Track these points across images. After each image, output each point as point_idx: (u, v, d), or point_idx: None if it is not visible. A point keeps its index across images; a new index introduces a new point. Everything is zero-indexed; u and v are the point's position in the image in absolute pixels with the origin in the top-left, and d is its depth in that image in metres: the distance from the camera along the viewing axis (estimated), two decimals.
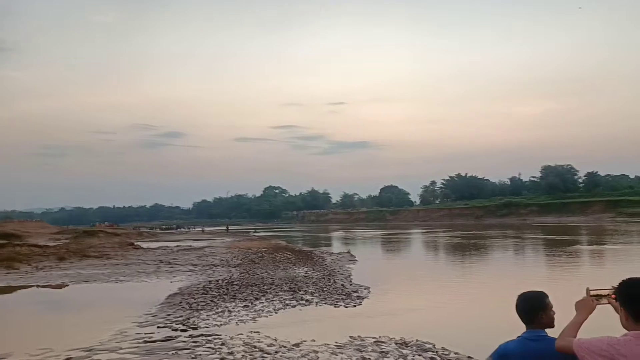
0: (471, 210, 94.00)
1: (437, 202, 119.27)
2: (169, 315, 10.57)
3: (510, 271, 18.90)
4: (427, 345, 7.74)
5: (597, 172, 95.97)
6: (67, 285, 16.21)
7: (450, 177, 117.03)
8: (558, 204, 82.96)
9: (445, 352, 7.38)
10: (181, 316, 10.38)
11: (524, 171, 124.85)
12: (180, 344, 8.14)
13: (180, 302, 11.97)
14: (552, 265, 20.55)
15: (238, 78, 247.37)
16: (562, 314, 2.62)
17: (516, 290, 2.69)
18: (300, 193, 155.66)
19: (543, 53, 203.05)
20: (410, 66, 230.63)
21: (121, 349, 7.96)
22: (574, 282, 14.74)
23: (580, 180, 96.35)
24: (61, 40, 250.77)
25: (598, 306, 2.38)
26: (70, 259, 23.81)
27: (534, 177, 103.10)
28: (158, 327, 9.50)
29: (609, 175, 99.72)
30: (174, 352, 7.69)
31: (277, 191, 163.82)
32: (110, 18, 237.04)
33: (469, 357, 7.13)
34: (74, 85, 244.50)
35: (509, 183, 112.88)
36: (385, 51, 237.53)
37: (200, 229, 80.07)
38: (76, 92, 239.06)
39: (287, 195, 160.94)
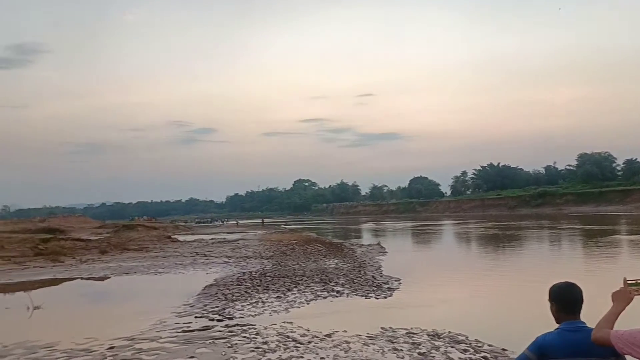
0: (504, 201, 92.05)
1: (469, 192, 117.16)
2: (205, 305, 10.89)
3: (545, 262, 18.55)
4: (460, 337, 7.72)
5: (636, 159, 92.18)
6: (109, 277, 16.84)
7: (481, 166, 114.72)
8: (596, 192, 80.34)
9: (478, 344, 7.35)
10: (217, 306, 10.67)
11: (560, 159, 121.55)
12: (217, 334, 8.39)
13: (216, 293, 12.29)
14: (589, 256, 20.06)
15: (266, 72, 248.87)
16: (599, 305, 2.60)
17: (551, 281, 2.64)
18: (330, 186, 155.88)
19: (577, 38, 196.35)
20: (440, 55, 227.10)
21: (161, 338, 8.26)
22: (612, 273, 14.41)
23: (618, 168, 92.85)
24: (96, 40, 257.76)
25: (636, 297, 2.32)
26: (111, 252, 24.69)
27: (569, 165, 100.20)
28: (195, 317, 9.80)
29: None
30: (211, 341, 7.94)
31: (306, 184, 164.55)
32: (141, 17, 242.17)
33: (503, 349, 7.07)
34: (110, 83, 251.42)
35: (544, 172, 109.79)
36: (414, 41, 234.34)
37: (234, 222, 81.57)
38: (113, 90, 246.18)
39: (316, 188, 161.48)
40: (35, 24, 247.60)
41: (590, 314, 2.55)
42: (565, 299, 2.49)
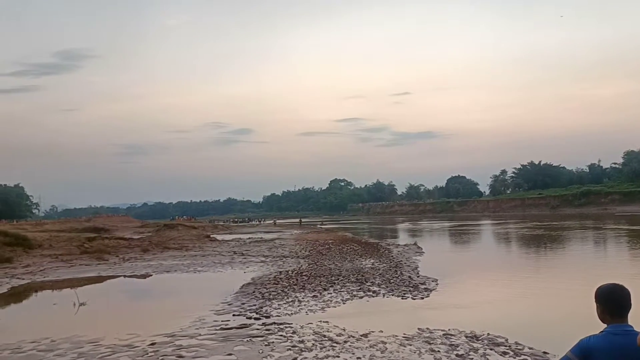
0: (546, 200, 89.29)
1: (509, 192, 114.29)
2: (243, 304, 11.04)
3: (589, 264, 17.90)
4: (500, 339, 7.57)
5: None
6: (151, 275, 17.30)
7: (522, 165, 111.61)
8: None
9: (518, 347, 7.19)
10: (254, 305, 10.81)
11: (604, 157, 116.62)
12: (254, 332, 8.50)
13: (254, 292, 12.44)
14: (635, 258, 19.23)
15: (302, 72, 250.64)
16: None
17: (594, 283, 2.59)
18: (366, 185, 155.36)
19: (623, 30, 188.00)
20: (478, 51, 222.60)
21: (200, 335, 8.44)
22: None
23: None
24: (140, 44, 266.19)
25: None
26: (152, 250, 25.36)
27: (615, 163, 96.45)
28: (233, 315, 9.96)
29: None
30: (248, 339, 8.05)
31: (342, 184, 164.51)
32: (182, 21, 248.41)
33: (544, 352, 6.91)
34: (153, 86, 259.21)
35: (588, 170, 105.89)
36: (450, 36, 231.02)
37: (272, 222, 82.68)
38: (155, 92, 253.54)
39: (352, 187, 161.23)
40: (83, 30, 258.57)
41: (638, 318, 2.46)
42: (612, 301, 2.43)
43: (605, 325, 2.45)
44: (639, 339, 2.21)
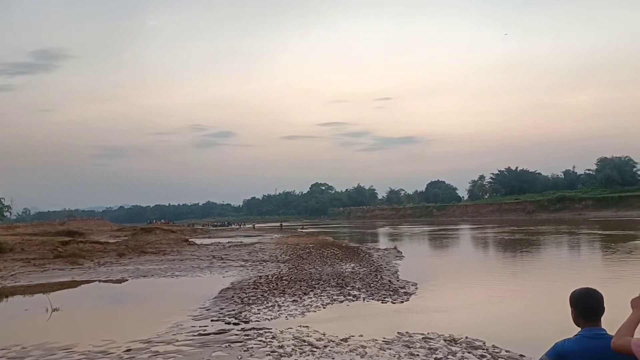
0: (522, 205, 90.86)
1: (486, 197, 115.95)
2: (222, 309, 10.94)
3: (563, 268, 18.25)
4: (477, 343, 7.66)
5: None
6: (127, 280, 17.01)
7: (499, 171, 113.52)
8: (616, 197, 78.73)
9: (496, 350, 7.29)
10: (233, 310, 10.72)
11: (579, 164, 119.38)
12: (233, 337, 8.42)
13: (233, 297, 12.34)
14: (607, 262, 19.67)
15: (285, 76, 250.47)
16: (618, 312, 2.57)
17: (569, 287, 2.63)
18: (347, 189, 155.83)
19: (605, 40, 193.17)
20: (459, 58, 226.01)
21: (177, 341, 8.32)
22: (632, 279, 14.08)
23: (639, 173, 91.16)
24: (120, 45, 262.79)
25: None
26: (129, 255, 24.93)
27: (589, 169, 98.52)
28: (212, 320, 9.86)
29: None
30: (227, 344, 7.97)
31: (323, 188, 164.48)
32: (162, 22, 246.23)
33: (520, 355, 7.02)
34: (132, 88, 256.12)
35: (563, 177, 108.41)
36: (432, 43, 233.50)
37: (251, 226, 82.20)
38: (135, 94, 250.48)
39: (333, 191, 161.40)
40: (60, 30, 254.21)
41: (611, 321, 2.50)
42: (585, 305, 2.48)
43: (579, 329, 2.49)
44: (614, 342, 2.24)
